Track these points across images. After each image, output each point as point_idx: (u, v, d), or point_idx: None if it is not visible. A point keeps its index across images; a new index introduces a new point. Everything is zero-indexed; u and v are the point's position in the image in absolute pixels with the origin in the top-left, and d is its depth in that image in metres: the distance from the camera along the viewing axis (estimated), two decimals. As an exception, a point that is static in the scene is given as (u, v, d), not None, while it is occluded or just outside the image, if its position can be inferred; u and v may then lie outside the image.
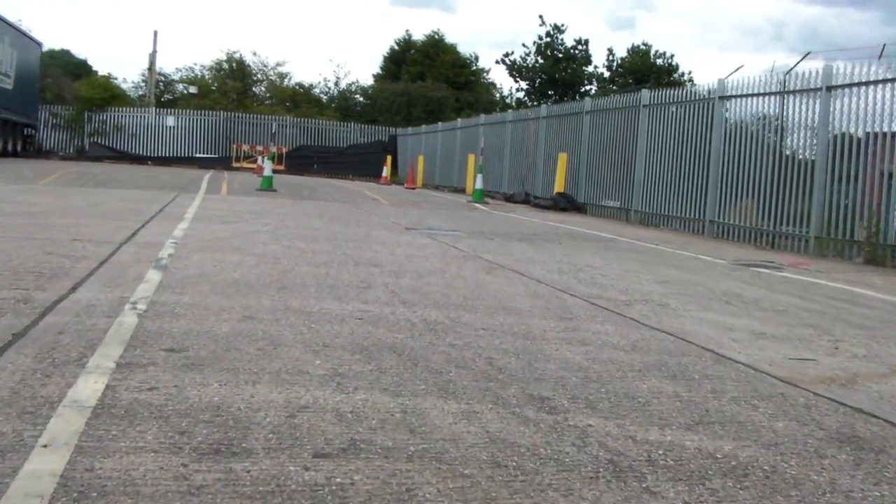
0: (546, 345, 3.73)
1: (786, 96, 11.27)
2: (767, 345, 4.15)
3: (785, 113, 11.32)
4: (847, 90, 10.07)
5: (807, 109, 10.83)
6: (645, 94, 15.01)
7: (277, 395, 2.69)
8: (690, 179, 13.21)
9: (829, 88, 10.33)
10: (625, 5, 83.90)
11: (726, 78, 12.70)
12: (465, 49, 48.77)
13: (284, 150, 31.40)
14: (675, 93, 14.43)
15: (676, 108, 13.93)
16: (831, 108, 10.31)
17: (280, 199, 14.12)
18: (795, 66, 15.39)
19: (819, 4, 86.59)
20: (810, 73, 10.82)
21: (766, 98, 11.74)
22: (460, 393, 2.84)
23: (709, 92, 12.99)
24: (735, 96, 12.38)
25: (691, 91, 13.92)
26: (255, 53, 57.57)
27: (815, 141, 10.55)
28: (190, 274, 5.14)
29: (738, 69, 57.06)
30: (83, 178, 17.18)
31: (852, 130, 10.01)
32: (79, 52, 67.56)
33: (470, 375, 3.09)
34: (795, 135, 11.19)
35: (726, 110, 12.59)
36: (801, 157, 10.96)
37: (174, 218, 9.11)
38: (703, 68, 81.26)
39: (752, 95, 12.02)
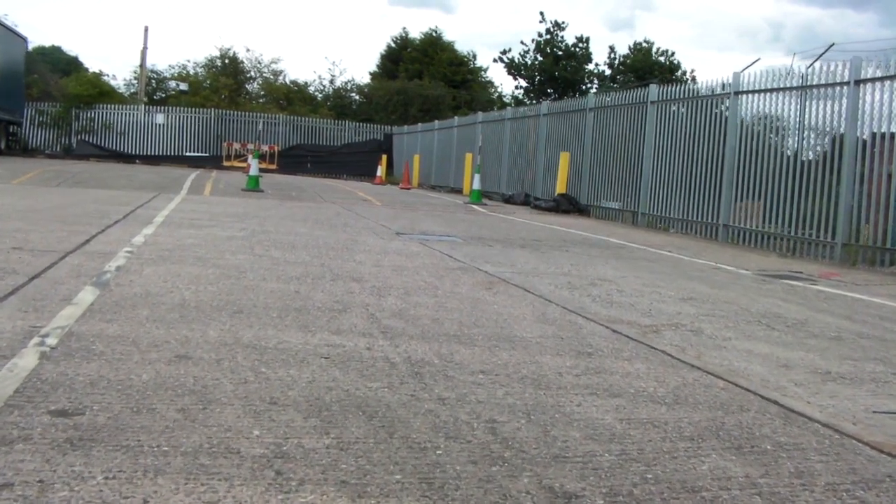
0: (565, 397, 2.89)
1: (808, 91, 10.43)
2: (839, 390, 3.31)
3: (807, 109, 10.47)
4: (879, 84, 9.23)
5: (832, 105, 10.00)
6: (653, 90, 14.14)
7: (183, 497, 1.85)
8: (702, 180, 12.36)
9: (858, 82, 9.50)
10: (624, 5, 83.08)
11: (741, 72, 11.87)
12: (463, 49, 47.85)
13: (276, 149, 30.50)
14: (686, 88, 13.57)
15: (687, 105, 13.07)
16: (860, 104, 9.48)
17: (265, 201, 13.26)
18: (818, 59, 14.57)
19: (817, 6, 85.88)
20: (836, 65, 9.99)
21: (786, 93, 10.89)
22: (451, 488, 2.00)
23: (723, 87, 12.15)
24: (752, 91, 11.54)
25: (704, 86, 12.99)
26: (248, 50, 56.43)
27: (842, 139, 9.71)
28: (132, 293, 4.30)
29: (754, 62, 56.19)
30: (60, 176, 16.29)
31: (884, 128, 9.18)
32: (70, 48, 66.74)
33: (465, 453, 2.24)
34: (819, 133, 10.35)
35: (741, 106, 11.76)
36: (824, 156, 10.11)
37: (141, 222, 8.26)
38: (702, 69, 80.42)
39: (771, 91, 11.18)
